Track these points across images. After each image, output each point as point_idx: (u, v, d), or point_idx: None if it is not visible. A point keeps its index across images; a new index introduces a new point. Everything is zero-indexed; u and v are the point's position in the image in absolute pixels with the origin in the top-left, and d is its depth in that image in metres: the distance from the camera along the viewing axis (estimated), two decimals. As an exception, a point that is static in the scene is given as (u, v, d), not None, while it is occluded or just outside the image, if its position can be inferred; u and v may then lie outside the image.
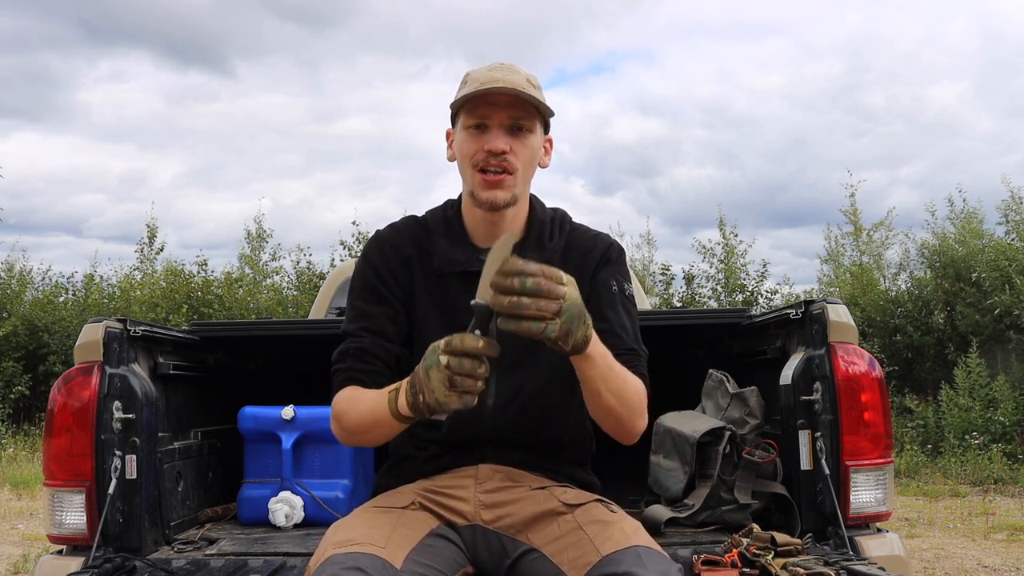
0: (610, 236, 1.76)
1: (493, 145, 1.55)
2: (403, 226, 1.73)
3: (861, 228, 12.59)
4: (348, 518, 1.54)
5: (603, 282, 1.65)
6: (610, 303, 1.64)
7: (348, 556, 1.35)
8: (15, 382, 11.41)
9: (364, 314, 1.62)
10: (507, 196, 1.58)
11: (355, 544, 1.38)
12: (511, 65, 1.62)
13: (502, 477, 1.61)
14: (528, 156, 1.60)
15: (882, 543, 1.95)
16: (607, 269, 1.68)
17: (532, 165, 1.63)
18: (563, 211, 1.77)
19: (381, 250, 1.68)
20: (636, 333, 1.66)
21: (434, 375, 1.27)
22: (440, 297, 1.64)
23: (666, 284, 13.09)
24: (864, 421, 1.98)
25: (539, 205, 1.73)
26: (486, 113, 1.57)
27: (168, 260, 13.63)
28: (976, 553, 4.84)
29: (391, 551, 1.39)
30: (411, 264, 1.67)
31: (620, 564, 1.36)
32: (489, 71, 1.59)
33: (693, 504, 2.19)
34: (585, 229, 1.75)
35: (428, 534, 1.51)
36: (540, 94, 1.62)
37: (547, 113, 1.62)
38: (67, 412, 1.98)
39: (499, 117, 1.57)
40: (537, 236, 1.68)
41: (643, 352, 1.64)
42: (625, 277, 1.70)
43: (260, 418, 2.44)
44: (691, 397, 2.56)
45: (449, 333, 1.59)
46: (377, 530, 1.44)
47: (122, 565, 1.86)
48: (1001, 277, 9.37)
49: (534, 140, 1.61)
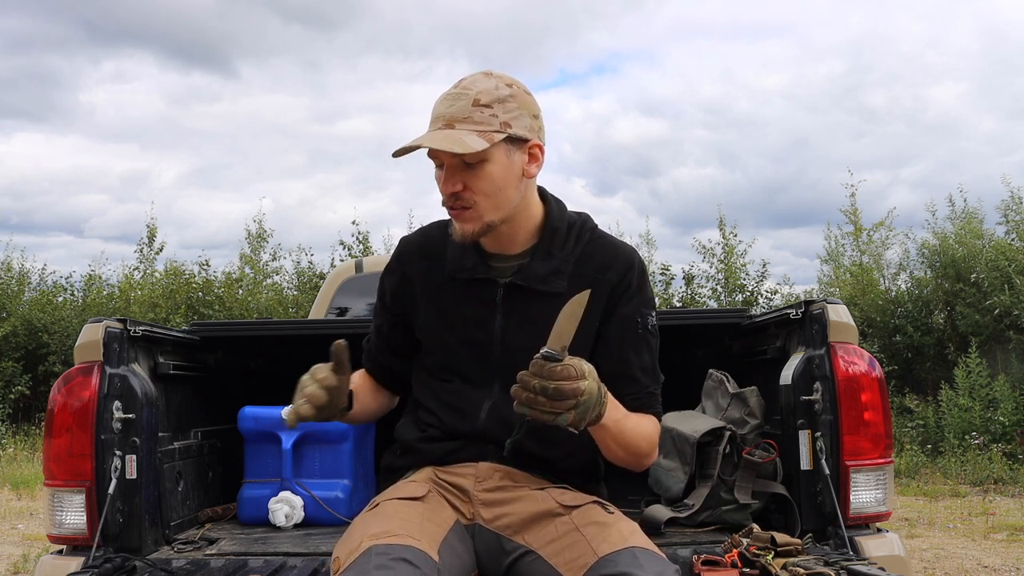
0: (634, 251, 1.70)
1: (443, 188, 1.57)
2: (423, 233, 1.77)
3: (861, 228, 12.58)
4: (377, 509, 1.54)
5: (628, 320, 1.63)
6: (634, 344, 1.63)
7: (390, 547, 1.35)
8: (15, 382, 11.42)
9: (376, 316, 1.84)
10: (474, 227, 1.57)
11: (393, 536, 1.39)
12: (466, 86, 1.55)
13: (501, 476, 1.62)
14: (488, 185, 1.55)
15: (882, 543, 1.95)
16: (632, 302, 1.64)
17: (501, 188, 1.56)
18: (586, 217, 1.73)
19: (396, 260, 1.77)
20: (655, 367, 1.67)
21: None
22: (448, 302, 1.68)
23: (666, 284, 13.08)
24: (864, 421, 1.98)
25: (557, 211, 1.69)
26: (435, 153, 1.56)
27: (168, 260, 13.65)
28: (976, 553, 4.84)
29: (426, 543, 1.41)
30: (420, 273, 1.71)
31: (616, 565, 1.36)
32: (439, 102, 1.55)
33: (693, 504, 2.19)
34: (608, 240, 1.70)
35: (451, 528, 1.53)
36: (495, 110, 1.53)
37: (488, 143, 1.51)
38: (67, 412, 1.98)
39: (444, 156, 1.54)
40: (547, 245, 1.65)
41: (658, 386, 1.67)
42: (649, 304, 1.68)
43: (260, 418, 2.44)
44: (691, 397, 2.56)
45: (451, 336, 1.67)
46: (410, 523, 1.46)
47: (122, 565, 1.86)
48: (1001, 277, 9.37)
49: (491, 168, 1.54)
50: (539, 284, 1.62)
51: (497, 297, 1.64)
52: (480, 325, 1.65)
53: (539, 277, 1.63)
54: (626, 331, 1.63)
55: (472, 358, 1.65)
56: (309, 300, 11.73)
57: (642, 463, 1.61)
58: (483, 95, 1.54)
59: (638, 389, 1.62)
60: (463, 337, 1.65)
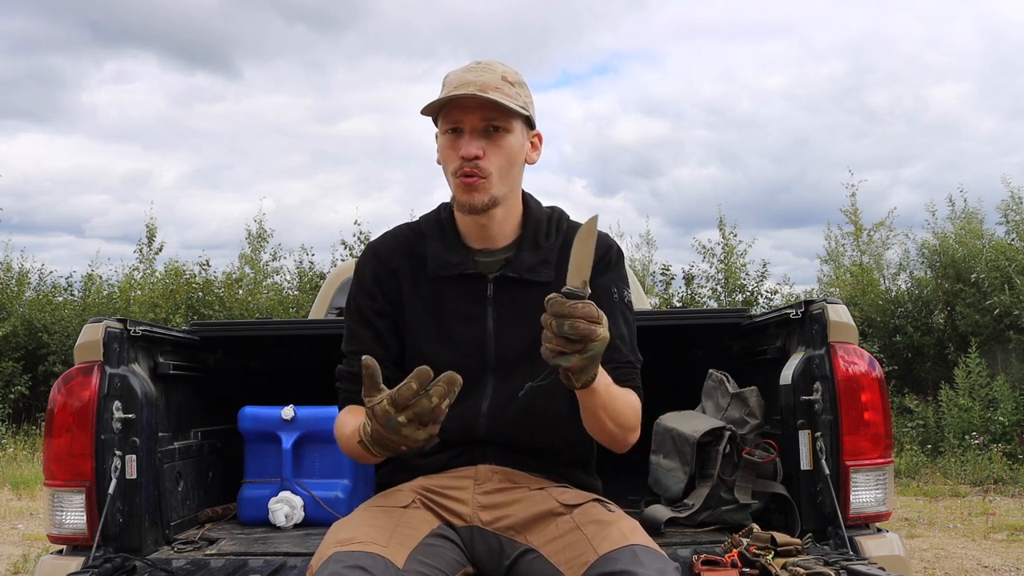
0: (609, 236, 1.73)
1: (465, 151, 1.54)
2: (393, 236, 1.72)
3: (861, 228, 12.59)
4: (349, 517, 1.54)
5: (604, 289, 1.63)
6: (610, 312, 1.60)
7: (351, 554, 1.35)
8: (15, 382, 11.41)
9: (355, 336, 1.66)
10: (484, 198, 1.56)
11: (357, 543, 1.38)
12: (488, 63, 1.60)
13: (501, 478, 1.61)
14: (505, 157, 1.57)
15: (882, 543, 1.95)
16: (608, 275, 1.65)
17: (512, 165, 1.60)
18: (560, 209, 1.76)
19: (369, 268, 1.68)
20: (633, 341, 1.66)
21: (368, 426, 1.31)
22: (434, 301, 1.64)
23: (666, 284, 13.09)
24: (864, 421, 1.98)
25: (535, 204, 1.72)
26: (458, 117, 1.55)
27: (168, 260, 13.65)
28: (976, 553, 4.84)
29: (393, 550, 1.39)
30: (400, 274, 1.66)
31: (616, 563, 1.36)
32: (464, 72, 1.57)
33: (693, 504, 2.19)
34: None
35: (429, 534, 1.51)
36: (520, 90, 1.60)
37: (522, 112, 1.58)
38: (67, 412, 1.98)
39: (471, 120, 1.55)
40: (532, 235, 1.67)
41: (638, 362, 1.65)
42: (625, 282, 1.69)
43: (260, 418, 2.44)
44: (691, 397, 2.56)
45: (443, 337, 1.62)
46: (379, 529, 1.44)
47: (122, 565, 1.86)
48: (1001, 277, 9.37)
49: (511, 140, 1.58)
50: (530, 274, 1.63)
51: (488, 292, 1.64)
52: (471, 322, 1.63)
53: (529, 267, 1.63)
54: (603, 300, 1.58)
55: (465, 357, 1.60)
56: (309, 300, 11.73)
57: (627, 438, 1.55)
58: (508, 74, 1.59)
59: (618, 358, 1.58)
60: (454, 336, 1.62)
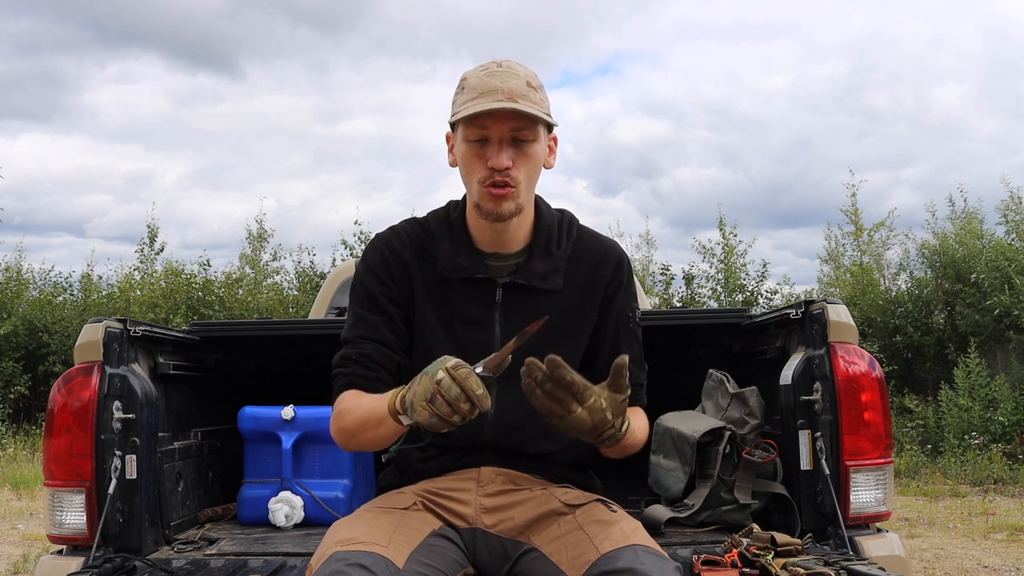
0: (618, 245, 1.74)
1: (496, 163, 1.51)
2: (403, 229, 1.69)
3: (862, 228, 12.58)
4: (350, 517, 1.54)
5: (621, 314, 1.67)
6: (627, 337, 1.67)
7: (351, 553, 1.35)
8: (15, 382, 11.41)
9: (363, 321, 1.61)
10: (512, 207, 1.55)
11: (358, 543, 1.38)
12: (510, 66, 1.54)
13: (503, 480, 1.61)
14: (532, 166, 1.56)
15: (882, 543, 1.95)
16: (623, 296, 1.68)
17: (536, 172, 1.59)
18: (570, 214, 1.73)
19: (381, 256, 1.65)
20: (642, 358, 1.70)
21: (424, 381, 1.31)
22: (442, 302, 1.63)
23: (666, 284, 13.08)
24: (864, 421, 1.98)
25: (546, 208, 1.69)
26: (486, 125, 1.51)
27: (169, 260, 13.64)
28: (976, 553, 4.84)
29: (393, 551, 1.40)
30: (411, 269, 1.64)
31: (618, 562, 1.36)
32: (488, 76, 1.52)
33: (693, 504, 2.19)
34: (593, 235, 1.72)
35: (429, 534, 1.51)
36: (542, 94, 1.57)
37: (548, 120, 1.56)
38: (67, 412, 1.98)
39: (500, 130, 1.51)
40: (544, 243, 1.65)
41: (646, 379, 1.70)
42: (635, 297, 1.73)
43: (260, 418, 2.44)
44: (691, 397, 2.56)
45: (449, 338, 1.61)
46: (379, 530, 1.44)
47: (122, 565, 1.86)
48: (1001, 277, 9.37)
49: (537, 148, 1.56)
50: (539, 282, 1.62)
51: (496, 297, 1.62)
52: (478, 326, 1.61)
53: (539, 275, 1.62)
54: (621, 326, 1.66)
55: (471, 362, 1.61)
56: (309, 300, 11.73)
57: (630, 454, 1.59)
58: (531, 78, 1.56)
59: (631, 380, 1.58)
60: (461, 340, 1.60)
